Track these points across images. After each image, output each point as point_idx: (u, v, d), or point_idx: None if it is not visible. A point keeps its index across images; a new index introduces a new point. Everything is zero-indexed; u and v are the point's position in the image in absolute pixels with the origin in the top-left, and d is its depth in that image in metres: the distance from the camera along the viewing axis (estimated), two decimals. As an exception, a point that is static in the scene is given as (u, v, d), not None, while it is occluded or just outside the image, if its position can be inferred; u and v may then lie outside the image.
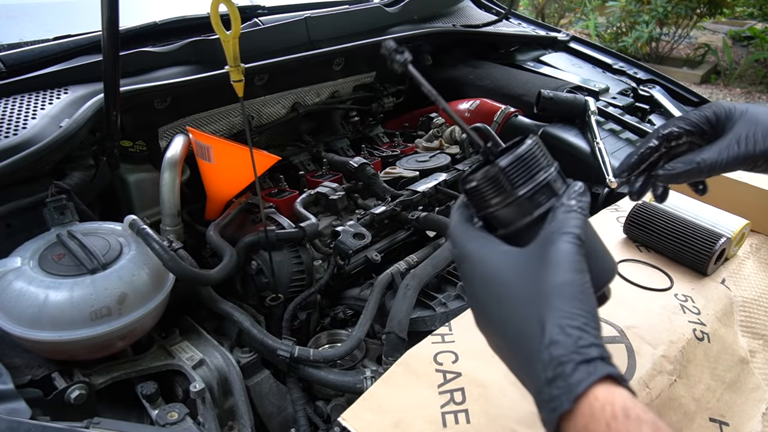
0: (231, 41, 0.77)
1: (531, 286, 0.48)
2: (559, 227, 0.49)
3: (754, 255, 1.03)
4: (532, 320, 0.46)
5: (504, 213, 0.54)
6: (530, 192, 0.53)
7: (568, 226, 0.49)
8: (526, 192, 0.53)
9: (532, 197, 0.53)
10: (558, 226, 0.49)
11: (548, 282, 0.46)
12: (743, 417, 0.80)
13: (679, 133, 0.69)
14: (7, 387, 0.63)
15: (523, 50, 1.84)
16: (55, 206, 0.86)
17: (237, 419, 0.85)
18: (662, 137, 0.69)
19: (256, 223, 1.06)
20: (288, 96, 1.41)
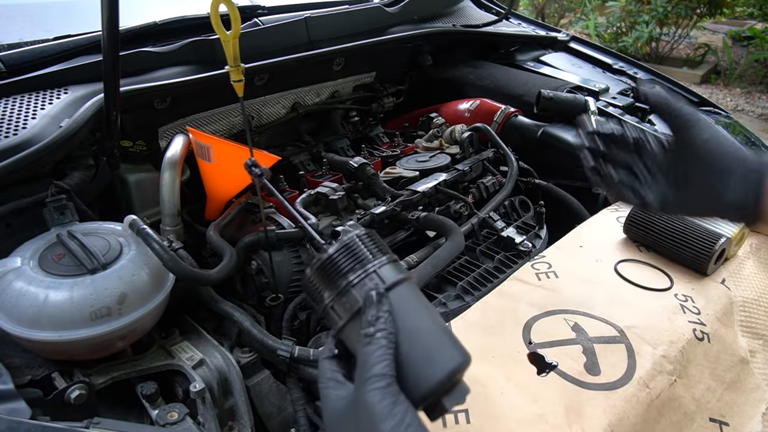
0: (231, 41, 0.77)
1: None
2: (361, 372, 0.48)
3: (754, 255, 1.03)
4: None
5: (336, 311, 0.53)
6: (346, 287, 0.52)
7: (368, 368, 0.47)
8: (345, 285, 0.52)
9: (347, 294, 0.52)
10: (360, 369, 0.49)
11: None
12: (743, 417, 0.80)
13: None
14: (7, 387, 0.63)
15: (523, 50, 1.84)
16: (55, 206, 0.86)
17: (237, 419, 0.85)
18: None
19: (256, 223, 1.06)
20: (288, 96, 1.41)
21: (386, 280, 0.52)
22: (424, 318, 0.52)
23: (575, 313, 0.86)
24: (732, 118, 1.68)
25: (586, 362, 0.77)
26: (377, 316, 0.50)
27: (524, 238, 1.17)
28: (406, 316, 0.51)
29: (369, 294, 0.51)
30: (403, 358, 0.49)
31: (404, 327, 0.50)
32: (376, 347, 0.48)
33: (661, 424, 0.73)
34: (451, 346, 0.51)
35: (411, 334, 0.50)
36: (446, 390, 0.50)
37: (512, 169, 1.32)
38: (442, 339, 0.51)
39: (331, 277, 0.53)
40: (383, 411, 0.45)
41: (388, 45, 1.46)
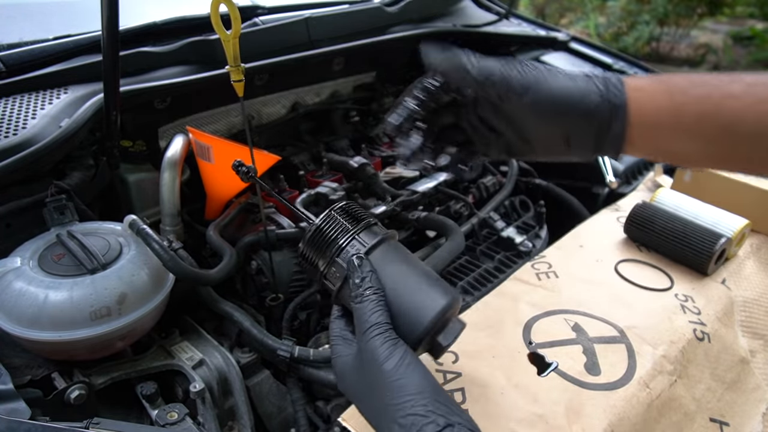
0: (231, 41, 0.77)
1: (367, 390, 0.53)
2: (359, 326, 0.54)
3: (755, 255, 1.03)
4: (380, 416, 0.51)
5: (330, 279, 0.60)
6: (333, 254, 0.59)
7: (365, 321, 0.54)
8: (333, 253, 0.59)
9: (335, 263, 0.59)
10: (358, 325, 0.55)
11: (373, 383, 0.51)
12: (743, 417, 0.80)
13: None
14: (7, 387, 0.63)
15: (524, 50, 1.84)
16: (55, 206, 0.86)
17: (237, 419, 0.85)
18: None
19: (256, 223, 1.06)
20: (288, 96, 1.41)
21: (367, 244, 0.58)
22: (407, 270, 0.58)
23: (575, 313, 0.86)
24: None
25: (586, 362, 0.77)
26: (362, 276, 0.56)
27: (524, 238, 1.17)
28: (389, 271, 0.57)
29: (351, 260, 0.57)
30: (395, 309, 0.55)
31: (389, 281, 0.57)
32: (367, 302, 0.54)
33: (662, 424, 0.73)
34: (435, 291, 0.57)
35: (397, 287, 0.56)
36: (438, 330, 0.57)
37: (512, 169, 1.32)
38: (426, 286, 0.57)
39: (321, 248, 0.60)
40: (384, 353, 0.51)
41: (388, 45, 1.46)
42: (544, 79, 0.56)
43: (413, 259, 0.61)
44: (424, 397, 0.48)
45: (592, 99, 0.54)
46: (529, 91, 0.56)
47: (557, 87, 0.56)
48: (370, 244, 0.59)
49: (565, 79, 0.56)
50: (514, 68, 0.58)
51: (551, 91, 0.56)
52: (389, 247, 0.60)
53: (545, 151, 0.62)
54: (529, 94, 0.56)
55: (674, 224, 0.98)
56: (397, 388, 0.50)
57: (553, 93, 0.56)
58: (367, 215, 0.62)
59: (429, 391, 0.49)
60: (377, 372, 0.51)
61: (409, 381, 0.50)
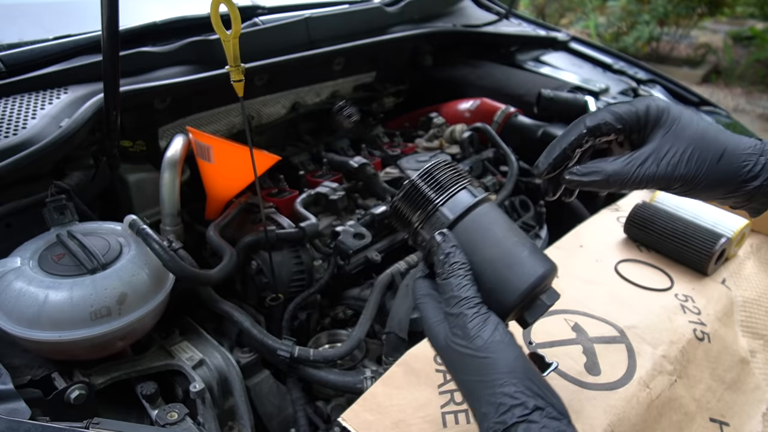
0: (231, 41, 0.77)
1: (458, 362, 0.53)
2: (449, 301, 0.54)
3: (755, 255, 1.03)
4: (470, 391, 0.52)
5: (428, 225, 0.59)
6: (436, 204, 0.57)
7: (454, 297, 0.53)
8: (431, 209, 0.57)
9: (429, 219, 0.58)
10: (447, 300, 0.54)
11: (464, 358, 0.51)
12: (744, 417, 0.80)
13: (607, 128, 0.59)
14: (7, 387, 0.63)
15: (524, 50, 1.84)
16: (55, 206, 0.86)
17: (237, 419, 0.85)
18: (588, 133, 0.59)
19: (256, 223, 1.06)
20: (288, 96, 1.41)
21: (455, 211, 0.57)
22: (504, 235, 0.56)
23: (575, 313, 0.86)
24: (732, 117, 1.68)
25: (587, 362, 0.77)
26: (446, 252, 0.55)
27: (524, 238, 1.16)
28: (484, 235, 0.56)
29: (433, 237, 0.56)
30: (487, 277, 0.54)
31: (483, 246, 0.55)
32: (454, 278, 0.53)
33: (662, 424, 0.73)
34: (533, 258, 0.55)
35: (491, 253, 0.55)
36: (534, 297, 0.55)
37: (512, 169, 1.32)
38: (524, 252, 0.55)
39: (415, 204, 0.59)
40: (474, 329, 0.51)
41: (388, 45, 1.46)
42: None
43: (511, 225, 0.58)
44: (514, 377, 0.48)
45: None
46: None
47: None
48: (465, 206, 0.57)
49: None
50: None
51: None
52: (486, 210, 0.58)
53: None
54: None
55: (674, 224, 0.98)
56: (486, 365, 0.49)
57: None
58: (464, 176, 0.59)
59: (520, 371, 0.49)
60: (467, 347, 0.51)
61: (499, 359, 0.49)
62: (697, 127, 0.56)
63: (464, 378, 0.52)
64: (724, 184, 0.56)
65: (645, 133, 0.57)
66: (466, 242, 0.56)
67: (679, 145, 0.55)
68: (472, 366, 0.50)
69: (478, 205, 0.57)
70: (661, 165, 0.55)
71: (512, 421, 0.46)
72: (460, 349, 0.51)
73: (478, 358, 0.50)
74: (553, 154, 0.59)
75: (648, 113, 0.57)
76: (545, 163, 0.60)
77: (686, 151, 0.55)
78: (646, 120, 0.57)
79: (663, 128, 0.56)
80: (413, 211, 0.59)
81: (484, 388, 0.49)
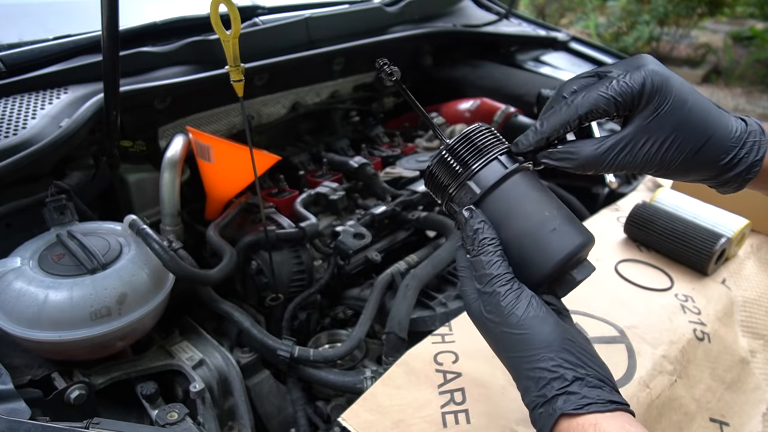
0: (231, 41, 0.77)
1: (497, 338, 0.53)
2: (480, 279, 0.54)
3: (755, 255, 1.03)
4: (511, 366, 0.53)
5: (458, 197, 0.57)
6: (478, 167, 0.55)
7: (485, 274, 0.53)
8: (476, 167, 0.55)
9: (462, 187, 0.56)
10: (479, 277, 0.54)
11: (501, 334, 0.52)
12: (743, 417, 0.80)
13: (600, 113, 0.54)
14: (7, 387, 0.63)
15: (523, 50, 1.84)
16: (55, 206, 0.86)
17: (237, 419, 0.85)
18: (579, 121, 0.55)
19: (256, 223, 1.06)
20: (288, 96, 1.41)
21: (483, 185, 0.55)
22: (527, 213, 0.54)
23: (575, 313, 0.86)
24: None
25: (587, 362, 0.77)
26: (474, 228, 0.54)
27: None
28: (507, 213, 0.55)
29: (460, 214, 0.55)
30: (513, 253, 0.54)
31: (506, 225, 0.54)
32: (483, 255, 0.53)
33: (662, 424, 0.73)
34: (569, 229, 0.54)
35: (514, 232, 0.54)
36: (571, 267, 0.54)
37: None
38: (560, 223, 0.54)
39: (450, 171, 0.57)
40: (508, 306, 0.51)
41: (388, 45, 1.46)
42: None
43: (543, 195, 0.56)
44: (551, 350, 0.49)
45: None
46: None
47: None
48: (494, 180, 0.55)
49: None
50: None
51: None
52: (516, 182, 0.56)
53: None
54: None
55: (674, 224, 0.98)
56: (522, 341, 0.50)
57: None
58: (496, 144, 0.57)
59: (557, 343, 0.49)
60: (502, 325, 0.51)
61: (535, 333, 0.49)
62: (686, 110, 0.52)
63: (504, 354, 0.52)
64: (699, 171, 0.55)
65: (634, 111, 0.54)
66: (496, 215, 0.55)
67: (661, 134, 0.53)
68: (509, 342, 0.51)
69: (508, 177, 0.55)
70: (638, 154, 0.53)
71: (552, 393, 0.47)
72: (496, 327, 0.52)
73: (515, 335, 0.50)
74: (537, 137, 0.56)
75: (643, 92, 0.52)
76: (526, 145, 0.57)
77: (666, 140, 0.53)
78: (639, 99, 0.53)
79: (650, 110, 0.53)
80: (444, 181, 0.57)
81: (524, 362, 0.50)
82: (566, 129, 0.55)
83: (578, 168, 0.55)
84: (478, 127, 0.58)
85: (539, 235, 0.53)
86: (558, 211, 0.55)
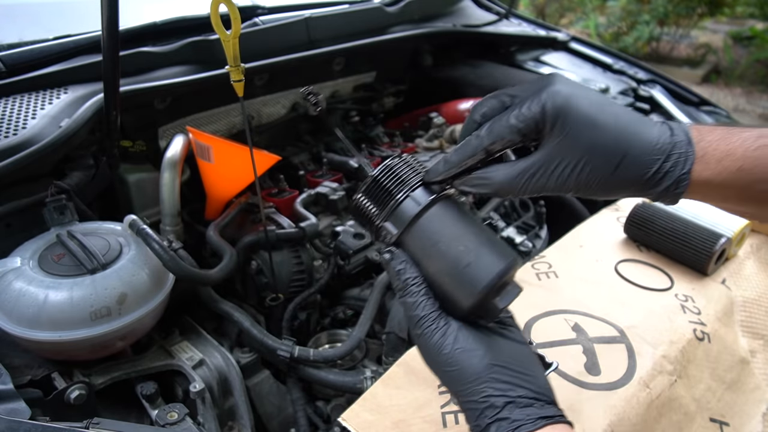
0: (231, 41, 0.77)
1: (436, 373, 0.54)
2: (409, 320, 0.54)
3: (755, 255, 1.03)
4: (453, 396, 0.54)
5: (382, 236, 0.57)
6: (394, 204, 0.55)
7: (412, 315, 0.53)
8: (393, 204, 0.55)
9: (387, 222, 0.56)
10: (407, 317, 0.55)
11: (436, 371, 0.53)
12: (743, 417, 0.80)
13: (505, 144, 0.53)
14: (7, 387, 0.63)
15: (523, 50, 1.84)
16: (55, 206, 0.86)
17: (237, 419, 0.85)
18: (486, 154, 0.54)
19: (256, 223, 1.06)
20: (288, 96, 1.41)
21: (400, 225, 0.55)
22: (461, 232, 0.54)
23: (575, 313, 0.86)
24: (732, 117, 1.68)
25: (587, 362, 0.77)
26: (396, 270, 0.54)
27: (524, 238, 1.17)
28: (427, 248, 0.54)
29: (382, 257, 0.55)
30: (437, 287, 0.54)
31: (427, 260, 0.54)
32: (409, 296, 0.54)
33: (662, 424, 0.73)
34: (491, 254, 0.53)
35: (436, 266, 0.53)
36: (495, 293, 0.53)
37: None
38: (482, 248, 0.53)
39: (377, 199, 0.56)
40: (436, 345, 0.52)
41: (388, 45, 1.46)
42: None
43: (462, 224, 0.54)
44: (480, 382, 0.49)
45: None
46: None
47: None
48: (408, 218, 0.54)
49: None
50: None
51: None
52: (434, 214, 0.54)
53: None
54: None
55: (674, 224, 0.97)
56: (454, 377, 0.51)
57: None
58: (406, 181, 0.55)
59: (485, 373, 0.49)
60: (434, 364, 0.53)
61: (463, 368, 0.50)
62: (596, 129, 0.50)
63: (447, 388, 0.54)
64: (623, 189, 0.52)
65: (542, 136, 0.52)
66: (417, 251, 0.54)
67: (571, 156, 0.50)
68: (445, 379, 0.52)
69: (423, 213, 0.54)
70: (550, 178, 0.51)
71: (485, 423, 0.48)
72: (433, 366, 0.53)
73: (447, 371, 0.51)
74: (446, 168, 0.55)
75: (545, 117, 0.50)
76: (436, 175, 0.55)
77: (578, 164, 0.50)
78: (543, 124, 0.51)
79: (557, 133, 0.50)
80: (369, 218, 0.57)
81: (460, 396, 0.51)
82: (475, 160, 0.54)
83: (494, 193, 0.54)
84: (397, 160, 0.57)
85: (456, 272, 0.52)
86: (474, 241, 0.53)
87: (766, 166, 0.48)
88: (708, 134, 0.50)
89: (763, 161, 0.48)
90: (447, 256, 0.53)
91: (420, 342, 0.53)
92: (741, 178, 0.48)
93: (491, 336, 0.53)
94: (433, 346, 0.52)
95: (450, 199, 0.56)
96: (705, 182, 0.50)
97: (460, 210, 0.56)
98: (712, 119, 1.60)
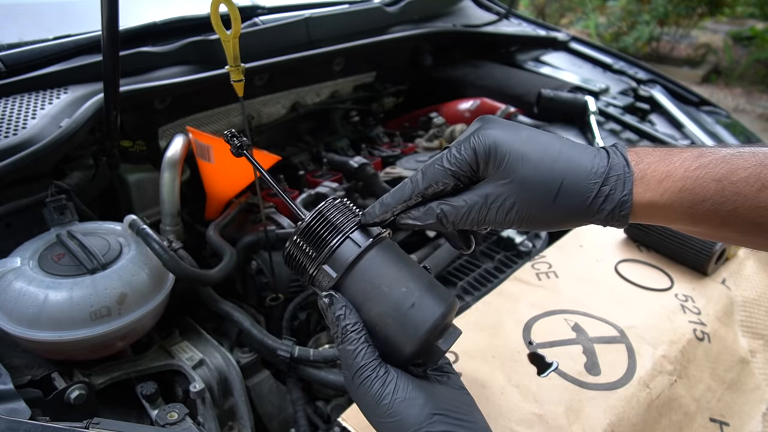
0: (231, 41, 0.77)
1: (376, 425, 0.52)
2: (346, 368, 0.52)
3: (755, 255, 1.03)
4: None
5: (318, 280, 0.55)
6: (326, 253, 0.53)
7: (350, 363, 0.52)
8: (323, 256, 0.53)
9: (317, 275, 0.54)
10: (344, 366, 0.53)
11: (375, 421, 0.51)
12: (743, 417, 0.80)
13: (441, 186, 0.53)
14: (7, 387, 0.63)
15: (524, 50, 1.84)
16: (55, 206, 0.86)
17: (237, 419, 0.85)
18: (422, 198, 0.54)
19: (256, 223, 1.06)
20: (288, 96, 1.41)
21: (339, 269, 0.53)
22: (399, 276, 0.53)
23: (575, 313, 0.86)
24: (732, 117, 1.68)
25: (587, 362, 0.77)
26: (335, 315, 0.52)
27: (524, 238, 1.17)
28: (366, 292, 0.53)
29: (320, 304, 0.53)
30: (377, 333, 0.52)
31: (367, 305, 0.52)
32: (348, 343, 0.52)
33: (662, 424, 0.73)
34: (429, 299, 0.52)
35: (387, 299, 0.52)
36: (437, 336, 0.53)
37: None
38: (420, 293, 0.52)
39: (314, 244, 0.55)
40: (375, 396, 0.50)
41: (388, 45, 1.46)
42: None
43: (401, 267, 0.54)
44: (421, 430, 0.48)
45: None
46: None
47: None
48: (347, 263, 0.53)
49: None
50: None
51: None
52: (372, 258, 0.54)
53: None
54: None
55: (674, 224, 0.97)
56: (392, 429, 0.50)
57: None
58: (343, 225, 0.55)
59: (426, 422, 0.49)
60: (375, 414, 0.51)
61: (403, 419, 0.49)
62: (527, 164, 0.50)
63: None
64: (569, 218, 0.51)
65: (479, 177, 0.53)
66: (358, 295, 0.53)
67: (507, 192, 0.51)
68: (384, 430, 0.51)
69: (362, 256, 0.53)
70: (489, 213, 0.52)
71: None
72: (372, 417, 0.52)
73: (386, 423, 0.50)
74: (383, 210, 0.55)
75: (477, 159, 0.52)
76: (373, 217, 0.55)
77: (514, 198, 0.51)
78: (477, 166, 0.52)
79: (492, 172, 0.52)
80: (303, 264, 0.55)
81: None
82: (411, 203, 0.55)
83: (440, 227, 0.54)
84: (330, 203, 0.56)
85: (398, 315, 0.52)
86: (416, 283, 0.53)
87: (708, 186, 0.47)
88: (647, 156, 0.50)
89: (704, 181, 0.47)
90: (390, 298, 0.52)
91: (359, 392, 0.51)
92: (685, 198, 0.48)
93: (431, 384, 0.52)
94: (372, 396, 0.50)
95: (387, 241, 0.56)
96: (649, 204, 0.49)
97: (398, 252, 0.55)
98: (712, 119, 1.61)
